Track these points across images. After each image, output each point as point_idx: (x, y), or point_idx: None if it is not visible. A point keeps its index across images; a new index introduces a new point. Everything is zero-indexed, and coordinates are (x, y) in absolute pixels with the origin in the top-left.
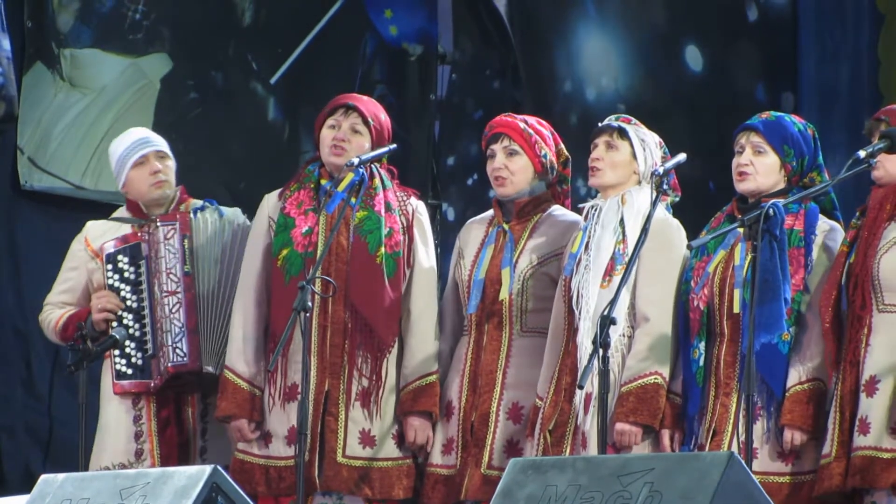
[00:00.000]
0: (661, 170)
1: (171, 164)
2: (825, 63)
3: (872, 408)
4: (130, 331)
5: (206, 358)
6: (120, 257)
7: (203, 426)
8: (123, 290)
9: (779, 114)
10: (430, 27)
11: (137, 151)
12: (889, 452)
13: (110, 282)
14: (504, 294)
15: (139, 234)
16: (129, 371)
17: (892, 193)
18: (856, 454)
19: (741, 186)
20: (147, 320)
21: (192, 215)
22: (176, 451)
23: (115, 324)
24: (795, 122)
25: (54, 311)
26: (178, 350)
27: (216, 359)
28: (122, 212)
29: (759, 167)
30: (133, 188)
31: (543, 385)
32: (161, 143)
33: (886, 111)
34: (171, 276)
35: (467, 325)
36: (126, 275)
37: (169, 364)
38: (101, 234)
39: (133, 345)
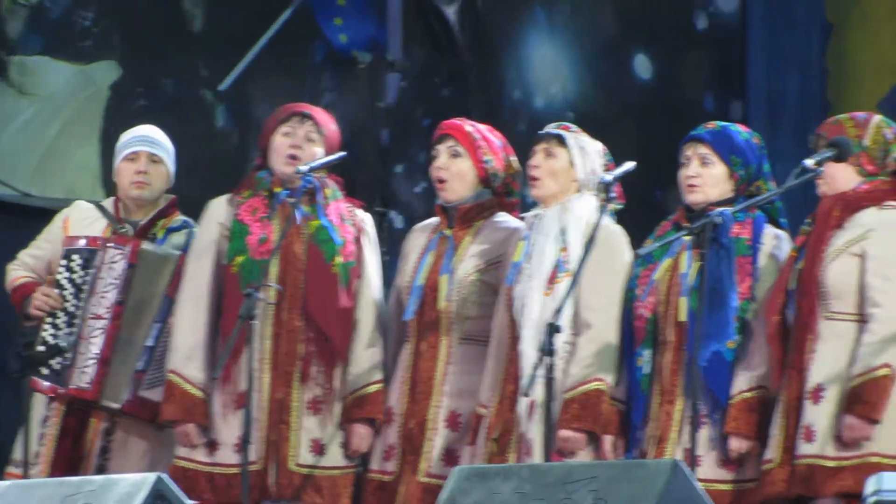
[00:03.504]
0: (609, 178)
1: (164, 170)
2: (774, 72)
3: (817, 415)
4: (60, 332)
5: (109, 392)
6: (75, 257)
7: (105, 444)
8: (67, 290)
9: (724, 123)
10: (379, 35)
11: (133, 146)
12: (833, 461)
13: (58, 276)
14: (441, 301)
15: (99, 243)
16: (46, 372)
17: (839, 201)
18: (800, 462)
19: (690, 198)
20: (76, 329)
21: (148, 248)
22: (64, 464)
23: (48, 326)
24: (741, 131)
25: (19, 270)
26: (84, 375)
27: (119, 394)
28: (109, 203)
29: (707, 178)
30: (118, 180)
31: (486, 393)
32: (159, 147)
33: (824, 126)
34: (103, 299)
35: (407, 331)
36: (74, 276)
37: (71, 386)
38: (81, 219)
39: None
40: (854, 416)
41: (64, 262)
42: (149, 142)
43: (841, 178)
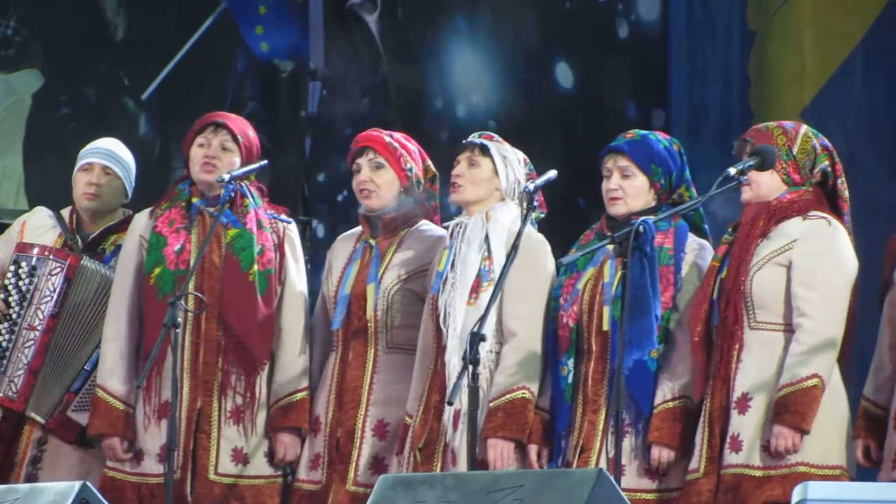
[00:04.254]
0: (531, 186)
1: (118, 184)
2: (696, 80)
3: (744, 425)
4: (2, 339)
5: (36, 404)
6: (23, 264)
7: (37, 453)
8: (12, 296)
9: (643, 132)
10: (301, 44)
11: (88, 157)
12: (760, 470)
13: (6, 282)
14: (369, 310)
15: (45, 253)
16: None
17: (764, 210)
18: (726, 471)
19: (613, 210)
20: (14, 336)
21: (87, 264)
22: None
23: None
24: (660, 139)
25: None
26: (13, 384)
27: (46, 409)
28: (66, 212)
29: (628, 190)
30: (74, 190)
31: (412, 403)
32: (114, 160)
33: (751, 132)
34: (39, 310)
35: (334, 340)
36: (20, 284)
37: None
38: (37, 226)
39: None
40: (783, 426)
41: (13, 268)
42: (104, 154)
43: (767, 185)
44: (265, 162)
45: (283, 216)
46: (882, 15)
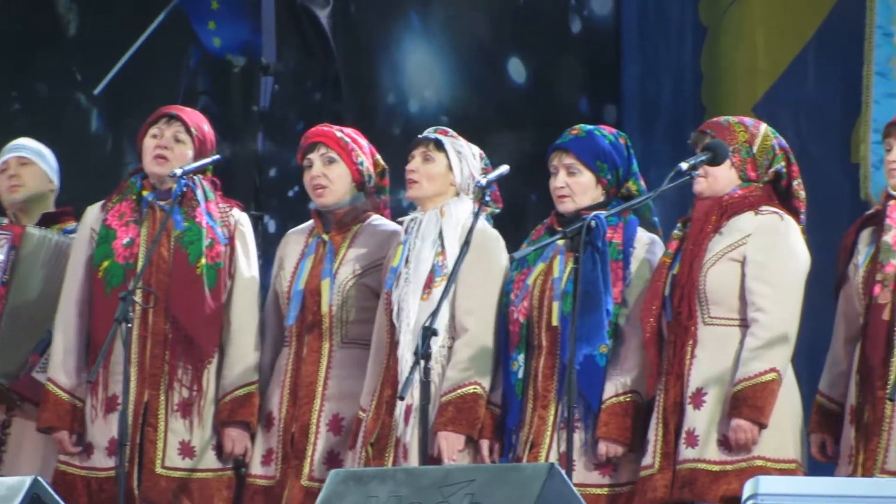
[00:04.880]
0: (483, 181)
1: (36, 169)
2: (648, 76)
3: (700, 420)
4: None
5: None
6: None
7: (0, 436)
8: None
9: (589, 128)
10: (253, 39)
11: (2, 158)
12: (717, 465)
13: None
14: (324, 305)
15: None
16: None
17: (717, 206)
18: (683, 466)
19: (561, 207)
20: None
21: (32, 230)
22: None
23: None
24: (606, 133)
25: None
26: None
27: (9, 371)
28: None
29: (575, 188)
30: (2, 197)
31: (366, 397)
32: (25, 149)
33: (712, 124)
34: None
35: (287, 336)
36: None
37: None
38: None
39: None
40: (742, 419)
41: None
42: (15, 148)
43: (723, 180)
44: (218, 156)
45: (237, 210)
46: (834, 10)
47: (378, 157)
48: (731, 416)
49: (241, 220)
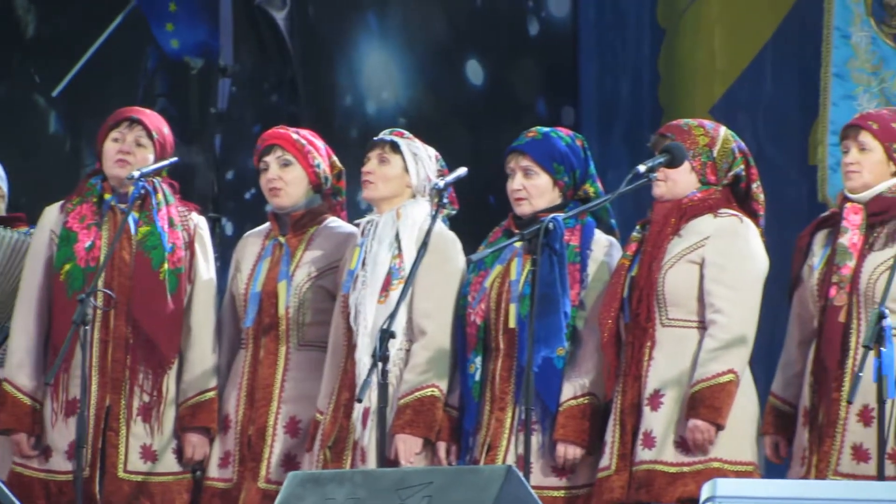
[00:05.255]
0: (441, 183)
1: None
2: (606, 77)
3: (657, 422)
4: None
5: None
6: None
7: None
8: None
9: (545, 130)
10: (211, 41)
11: None
12: (675, 466)
13: None
14: (281, 308)
15: None
16: None
17: (676, 208)
18: (640, 468)
19: (518, 210)
20: None
21: None
22: None
23: None
24: (562, 135)
25: None
26: None
27: None
28: None
29: (532, 190)
30: None
31: (323, 400)
32: None
33: (671, 127)
34: None
35: (244, 338)
36: None
37: None
38: None
39: None
40: (699, 420)
41: None
42: None
43: (683, 183)
44: (175, 159)
45: (195, 213)
46: (791, 12)
47: (335, 158)
48: (688, 417)
49: (200, 223)
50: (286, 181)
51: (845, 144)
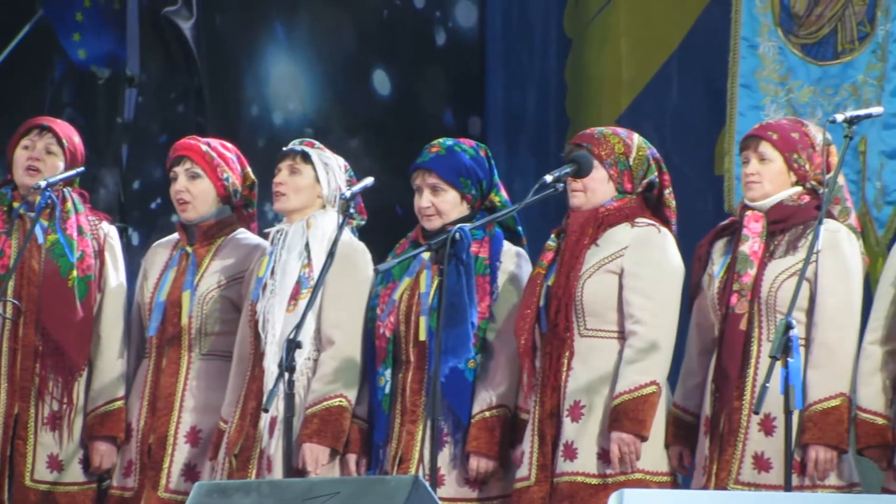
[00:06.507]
0: (348, 194)
1: None
2: (512, 87)
3: (578, 433)
4: None
5: None
6: None
7: None
8: None
9: (449, 144)
10: (118, 50)
11: None
12: (597, 478)
13: None
14: (184, 317)
15: None
16: None
17: (593, 217)
18: (561, 479)
19: (428, 225)
20: None
21: None
22: None
23: None
24: (466, 148)
25: None
26: None
27: None
28: None
29: (441, 206)
30: None
31: (228, 409)
32: None
33: (586, 136)
34: None
35: (148, 347)
36: None
37: None
38: None
39: None
40: (624, 433)
41: None
42: None
43: (601, 193)
44: (82, 168)
45: (105, 222)
46: (697, 22)
47: (248, 170)
48: (611, 430)
49: (111, 233)
50: (193, 194)
51: (745, 155)
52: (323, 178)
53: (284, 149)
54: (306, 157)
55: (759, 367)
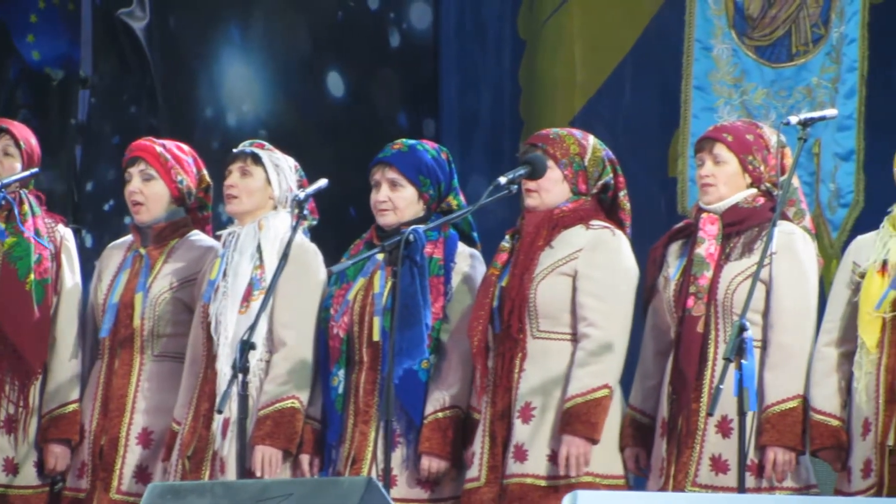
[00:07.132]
0: (301, 195)
1: None
2: (467, 89)
3: (529, 435)
4: None
5: None
6: None
7: None
8: None
9: (412, 143)
10: (72, 52)
11: None
12: (547, 480)
13: None
14: (136, 319)
15: None
16: None
17: (547, 219)
18: (511, 481)
19: (382, 221)
20: None
21: None
22: None
23: None
24: (428, 148)
25: None
26: None
27: None
28: None
29: (397, 202)
30: None
31: (181, 410)
32: None
33: (541, 137)
34: None
35: (101, 348)
36: None
37: None
38: None
39: None
40: (575, 436)
41: None
42: None
43: (556, 194)
44: (36, 170)
45: (62, 225)
46: (651, 25)
47: (204, 172)
48: (562, 432)
49: (67, 235)
50: (146, 196)
51: (700, 157)
52: (274, 179)
53: (234, 150)
54: (257, 159)
55: (717, 370)
